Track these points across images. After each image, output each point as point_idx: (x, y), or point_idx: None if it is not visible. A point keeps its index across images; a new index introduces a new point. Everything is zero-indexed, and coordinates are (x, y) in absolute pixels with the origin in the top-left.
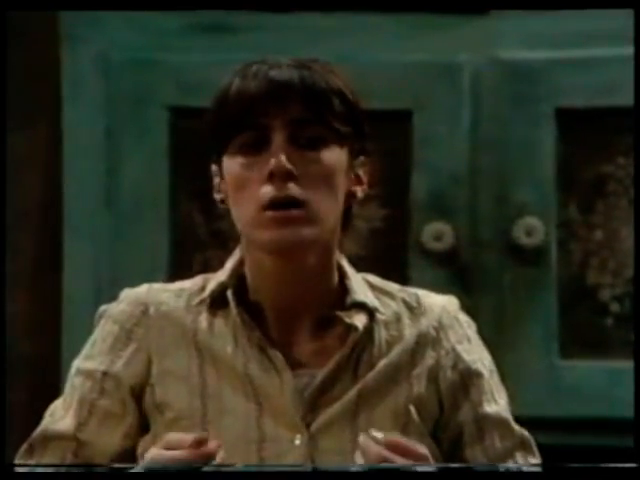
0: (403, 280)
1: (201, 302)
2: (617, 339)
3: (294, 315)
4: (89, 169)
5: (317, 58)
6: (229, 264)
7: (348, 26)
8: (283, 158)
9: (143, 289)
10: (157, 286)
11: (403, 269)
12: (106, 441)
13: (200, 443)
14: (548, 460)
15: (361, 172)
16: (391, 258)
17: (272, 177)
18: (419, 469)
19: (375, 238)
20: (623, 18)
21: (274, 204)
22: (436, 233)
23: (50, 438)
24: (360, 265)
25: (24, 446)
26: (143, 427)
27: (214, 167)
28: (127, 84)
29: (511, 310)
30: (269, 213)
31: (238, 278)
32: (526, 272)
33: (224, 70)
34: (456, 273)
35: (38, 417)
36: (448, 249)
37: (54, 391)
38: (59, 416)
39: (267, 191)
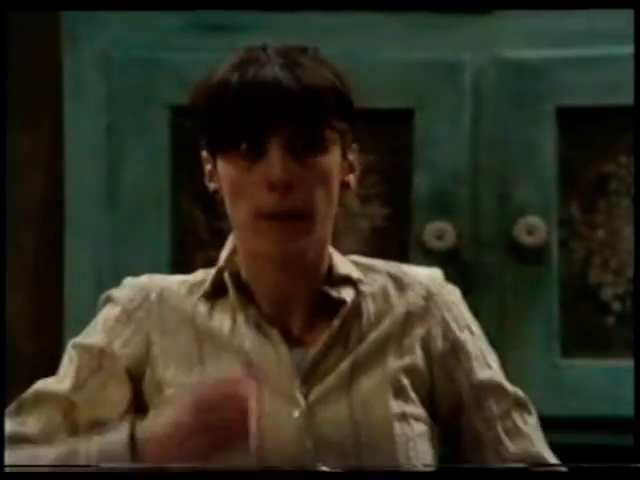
0: None
1: (202, 292)
2: (618, 338)
3: (288, 298)
4: (90, 168)
5: (304, 46)
6: (224, 253)
7: (349, 25)
8: (281, 170)
9: (145, 277)
10: (158, 276)
11: None
12: (96, 409)
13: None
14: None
15: (352, 158)
16: (393, 257)
17: (271, 187)
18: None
19: (377, 237)
20: (624, 17)
21: (275, 215)
22: (438, 232)
23: (42, 398)
24: None
25: (12, 405)
26: (136, 408)
27: (205, 154)
28: (128, 83)
29: (512, 309)
30: (269, 223)
31: (234, 264)
32: (527, 271)
33: None
34: (457, 272)
35: None
36: (449, 248)
37: None
38: (53, 381)
39: (267, 201)
